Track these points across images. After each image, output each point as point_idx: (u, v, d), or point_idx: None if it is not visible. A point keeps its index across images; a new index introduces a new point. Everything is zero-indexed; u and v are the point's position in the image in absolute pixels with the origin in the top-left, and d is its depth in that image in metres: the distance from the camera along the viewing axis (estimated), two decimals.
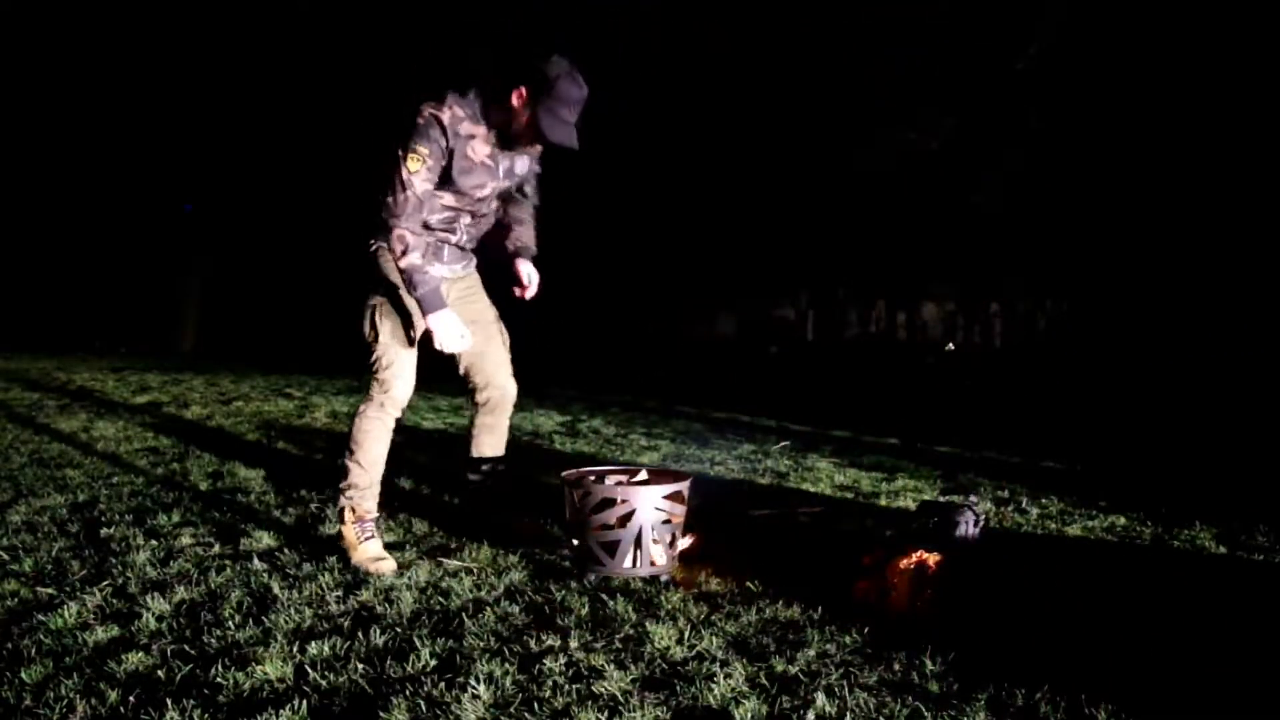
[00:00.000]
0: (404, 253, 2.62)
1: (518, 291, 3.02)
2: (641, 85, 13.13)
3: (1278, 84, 8.73)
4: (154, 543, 3.03)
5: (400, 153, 2.61)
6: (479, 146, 2.73)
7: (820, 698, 1.86)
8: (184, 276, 16.79)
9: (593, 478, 2.83)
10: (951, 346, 13.17)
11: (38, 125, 16.42)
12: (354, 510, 2.80)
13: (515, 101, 2.65)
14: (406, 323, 2.80)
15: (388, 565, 2.72)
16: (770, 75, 12.31)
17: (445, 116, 2.63)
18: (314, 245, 15.93)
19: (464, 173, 2.72)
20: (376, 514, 2.86)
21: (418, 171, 2.61)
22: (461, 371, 3.00)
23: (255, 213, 16.64)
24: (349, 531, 2.79)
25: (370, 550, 2.76)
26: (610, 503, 2.59)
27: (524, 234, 3.02)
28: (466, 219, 2.85)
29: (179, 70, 15.61)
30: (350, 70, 14.96)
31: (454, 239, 2.87)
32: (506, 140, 2.75)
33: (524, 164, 2.92)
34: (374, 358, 2.81)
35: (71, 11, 15.41)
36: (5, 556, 2.88)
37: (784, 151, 12.68)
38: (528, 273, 2.99)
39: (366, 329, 2.82)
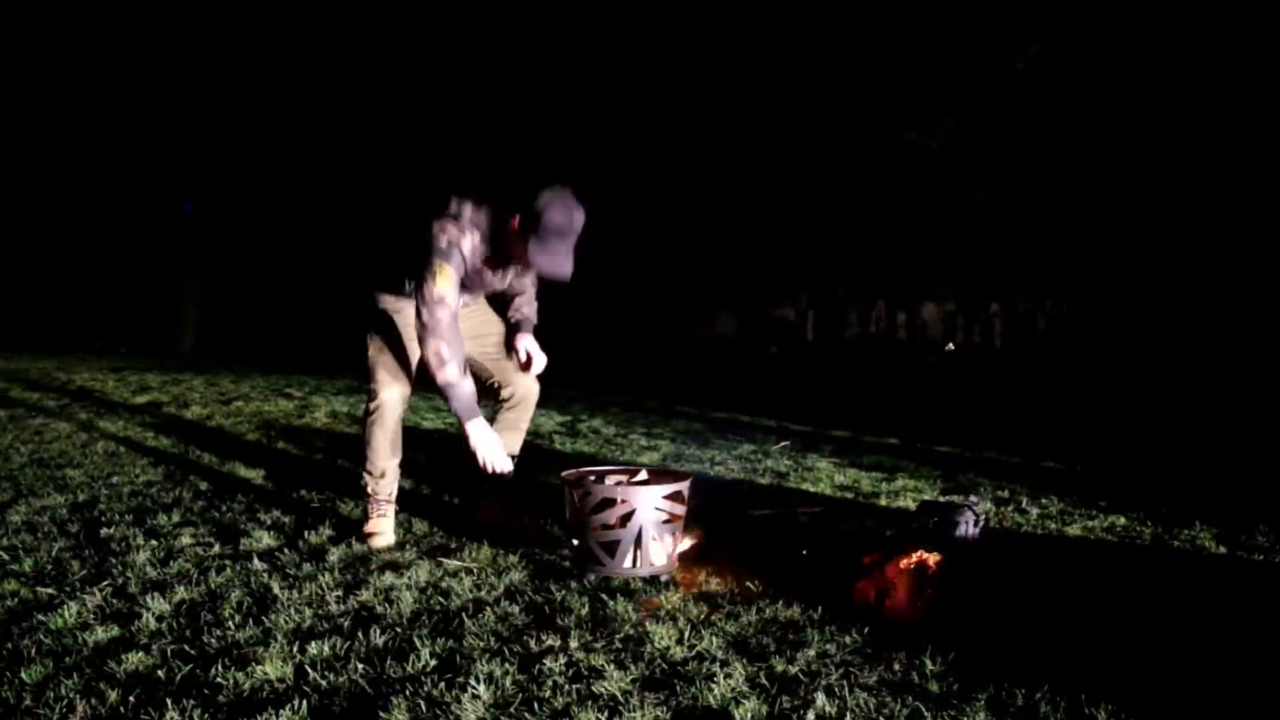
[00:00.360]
0: (440, 366, 2.75)
1: (518, 363, 3.11)
2: (642, 86, 13.14)
3: (1278, 84, 8.73)
4: (154, 543, 3.03)
5: (428, 271, 2.73)
6: (488, 268, 2.91)
7: (820, 698, 1.86)
8: (184, 276, 16.80)
9: (593, 478, 2.83)
10: (951, 346, 13.16)
11: (38, 126, 16.41)
12: (368, 489, 3.05)
13: (512, 227, 2.78)
14: (397, 347, 3.00)
15: (378, 540, 2.96)
16: (770, 76, 12.31)
17: (465, 244, 2.78)
18: (314, 245, 15.94)
19: (474, 286, 2.95)
20: (388, 493, 3.05)
21: (447, 289, 2.74)
22: (486, 383, 3.15)
23: (255, 213, 16.64)
24: (366, 507, 3.07)
25: (370, 525, 3.02)
26: (610, 503, 2.59)
27: (525, 303, 3.15)
28: (472, 293, 3.04)
29: (179, 70, 15.61)
30: (350, 70, 14.96)
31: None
32: (504, 258, 2.89)
33: (527, 275, 3.09)
34: (370, 365, 3.02)
35: (72, 12, 15.40)
36: (5, 556, 2.88)
37: (784, 152, 12.68)
38: (525, 347, 3.08)
39: (367, 339, 3.04)
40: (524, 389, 3.15)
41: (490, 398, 3.17)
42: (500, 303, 3.18)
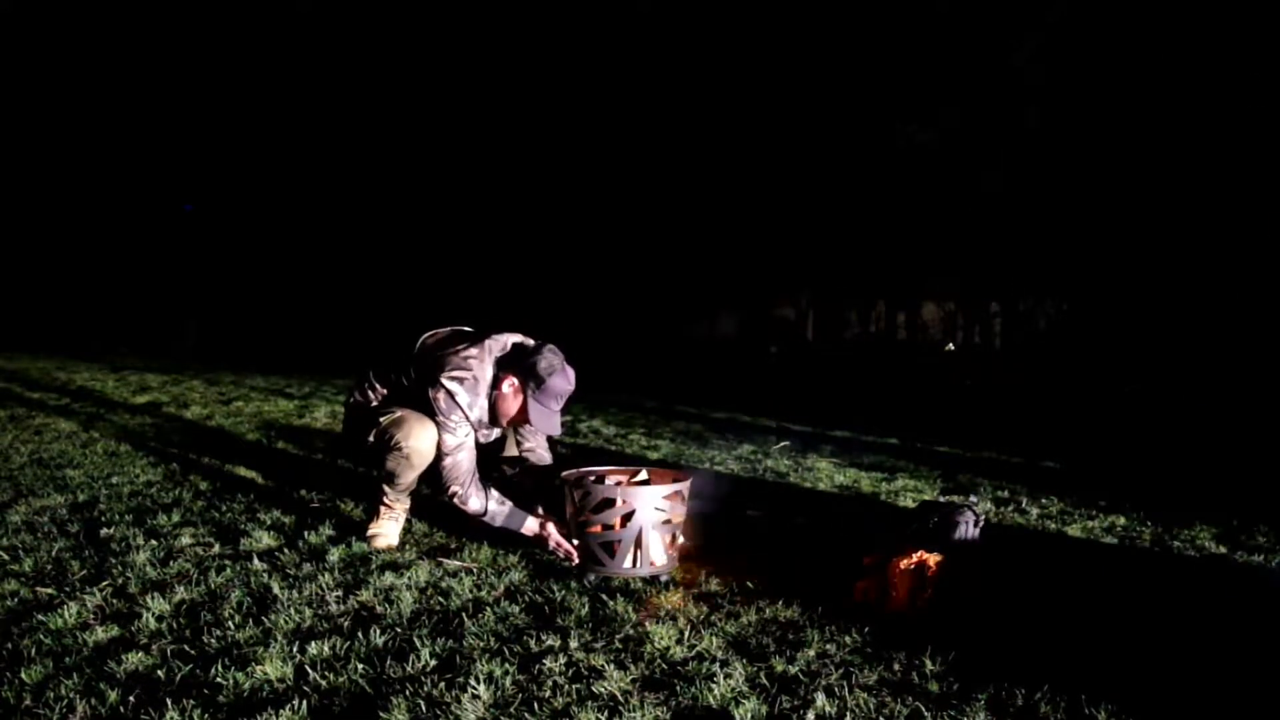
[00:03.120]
0: (465, 502, 2.86)
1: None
2: (642, 86, 13.13)
3: (1277, 84, 8.72)
4: (154, 543, 3.03)
5: (450, 425, 2.83)
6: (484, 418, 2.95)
7: (820, 698, 1.86)
8: (184, 276, 16.79)
9: (593, 478, 2.83)
10: (951, 346, 13.16)
11: (39, 127, 16.41)
12: (386, 499, 3.06)
13: (507, 388, 2.86)
14: (412, 414, 2.97)
15: (379, 541, 2.97)
16: (770, 77, 12.31)
17: (463, 396, 2.83)
18: (314, 246, 15.94)
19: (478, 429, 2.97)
20: (406, 505, 3.08)
21: (464, 437, 2.84)
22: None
23: (256, 214, 16.64)
24: (377, 508, 3.07)
25: (376, 525, 3.03)
26: (610, 503, 2.59)
27: (536, 454, 3.20)
28: None
29: (181, 72, 15.61)
30: (351, 75, 14.95)
31: None
32: (493, 417, 2.94)
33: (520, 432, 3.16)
34: (385, 435, 2.96)
35: (73, 13, 15.40)
36: (5, 556, 2.88)
37: (784, 152, 12.67)
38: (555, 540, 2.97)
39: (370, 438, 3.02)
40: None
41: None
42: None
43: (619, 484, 2.82)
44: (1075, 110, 10.27)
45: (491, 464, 3.14)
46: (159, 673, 2.01)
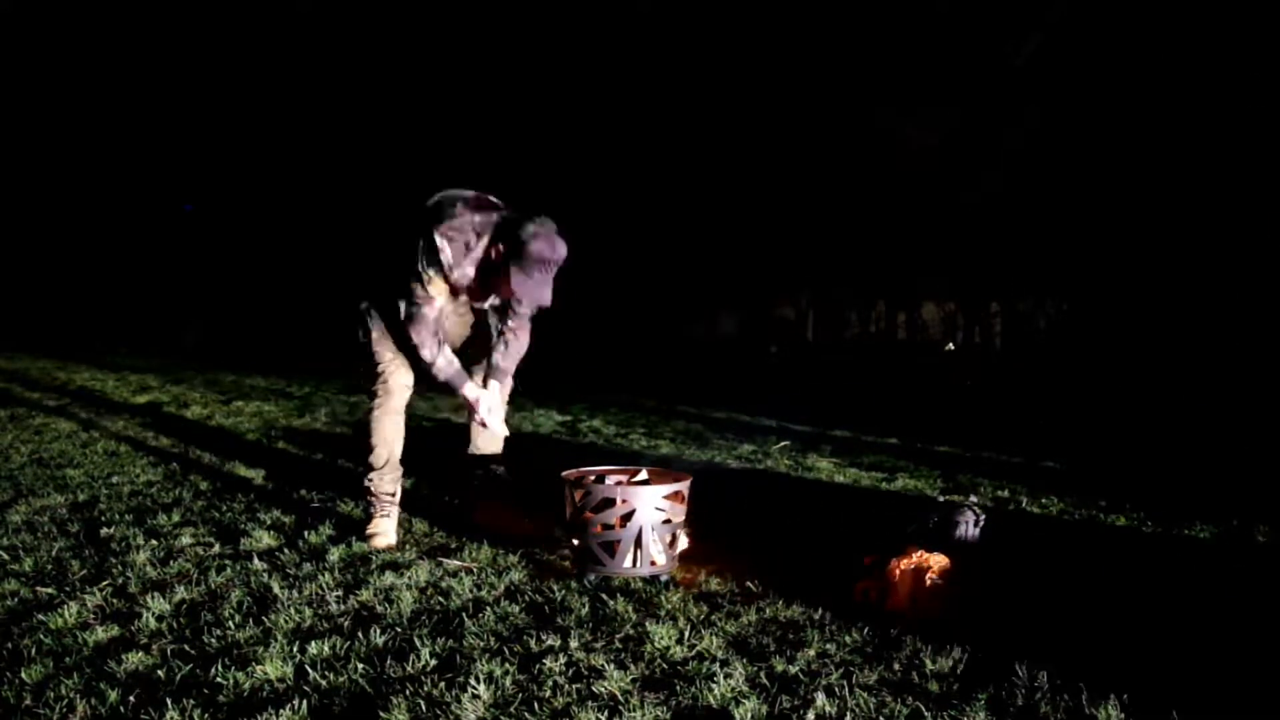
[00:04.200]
0: (421, 348, 2.92)
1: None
2: (642, 86, 13.13)
3: (1277, 84, 8.72)
4: (154, 543, 3.03)
5: (420, 276, 2.85)
6: (472, 285, 2.94)
7: (820, 698, 1.86)
8: (184, 276, 16.79)
9: (593, 478, 2.83)
10: (951, 346, 13.15)
11: (39, 126, 16.41)
12: (369, 489, 3.07)
13: (493, 255, 2.85)
14: (397, 336, 3.03)
15: (379, 540, 2.97)
16: (770, 76, 12.30)
17: (460, 265, 2.85)
18: (313, 245, 15.93)
19: (460, 291, 2.97)
20: (391, 493, 3.07)
21: (436, 294, 2.88)
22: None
23: (256, 213, 16.63)
24: (369, 507, 3.07)
25: (372, 525, 3.02)
26: (610, 503, 2.60)
27: (509, 351, 3.16)
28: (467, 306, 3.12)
29: (181, 72, 15.60)
30: (350, 73, 14.95)
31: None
32: (485, 284, 2.93)
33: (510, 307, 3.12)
34: (371, 355, 3.06)
35: (73, 12, 15.40)
36: (5, 556, 2.88)
37: (784, 152, 12.67)
38: (490, 406, 3.09)
39: (360, 335, 3.09)
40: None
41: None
42: (486, 342, 3.22)
43: (619, 484, 2.82)
44: (1075, 110, 10.27)
45: (485, 345, 3.17)
46: (159, 672, 2.01)
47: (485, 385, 3.13)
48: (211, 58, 15.38)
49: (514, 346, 3.16)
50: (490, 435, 3.24)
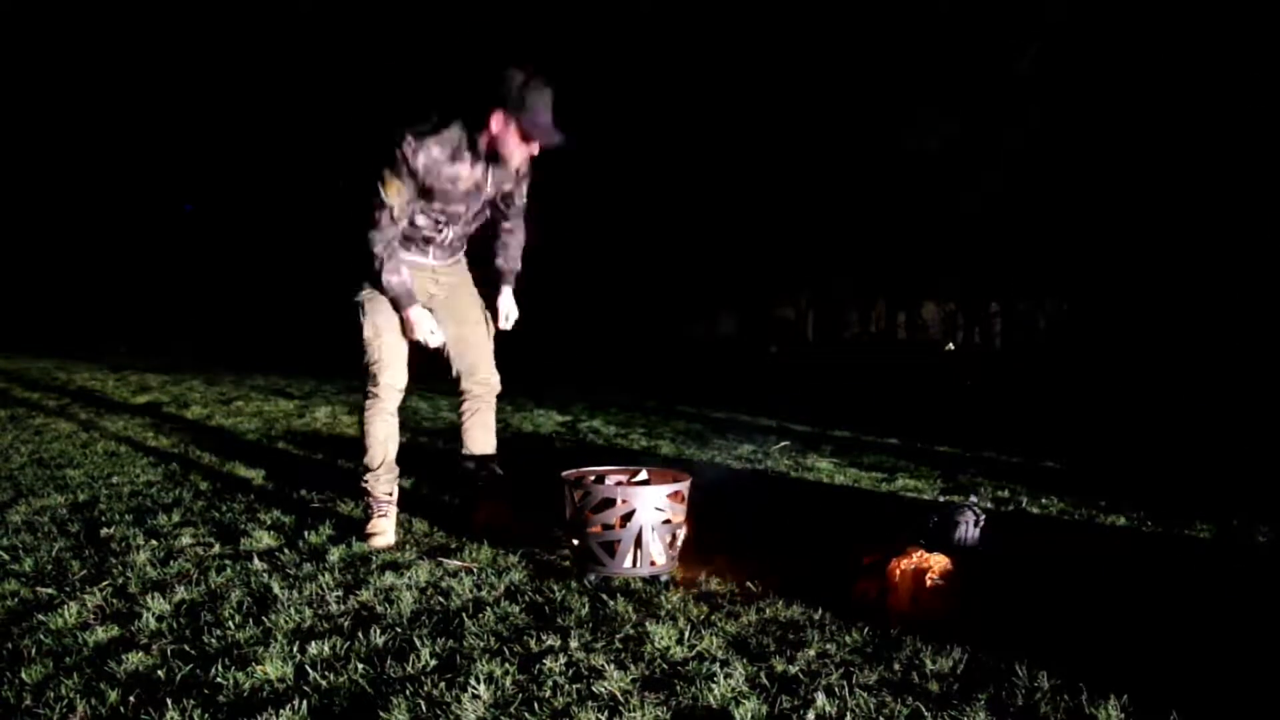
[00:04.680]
0: (379, 267, 2.90)
1: (497, 324, 3.22)
2: (642, 86, 13.13)
3: (1277, 85, 8.72)
4: (154, 543, 3.03)
5: (379, 180, 2.83)
6: (463, 174, 2.90)
7: (820, 698, 1.86)
8: (184, 276, 16.79)
9: (593, 478, 2.83)
10: (951, 346, 13.15)
11: (39, 126, 16.40)
12: (367, 490, 3.07)
13: (495, 125, 2.81)
14: (392, 319, 3.02)
15: (378, 540, 2.97)
16: (771, 77, 12.30)
17: (419, 161, 2.81)
18: (313, 245, 15.91)
19: (448, 199, 2.93)
20: (387, 492, 3.07)
21: (393, 198, 2.84)
22: (445, 361, 3.19)
23: (255, 213, 16.63)
24: (367, 507, 3.08)
25: (371, 525, 3.03)
26: (610, 503, 2.60)
27: (510, 251, 3.21)
28: (456, 228, 3.05)
29: (181, 72, 15.60)
30: (349, 72, 14.94)
31: (440, 238, 3.04)
32: (497, 159, 2.90)
33: (510, 175, 3.07)
34: (365, 351, 3.05)
35: (74, 12, 15.40)
36: (5, 556, 2.88)
37: (784, 152, 12.66)
38: (505, 311, 3.21)
39: (362, 328, 3.06)
40: (483, 383, 3.21)
41: (454, 390, 3.25)
42: (488, 246, 3.22)
43: (619, 484, 2.82)
44: (1075, 112, 10.27)
45: (489, 229, 3.18)
46: (159, 673, 2.01)
47: (499, 294, 3.19)
48: (211, 58, 15.38)
49: (513, 245, 3.20)
50: (483, 436, 3.24)
